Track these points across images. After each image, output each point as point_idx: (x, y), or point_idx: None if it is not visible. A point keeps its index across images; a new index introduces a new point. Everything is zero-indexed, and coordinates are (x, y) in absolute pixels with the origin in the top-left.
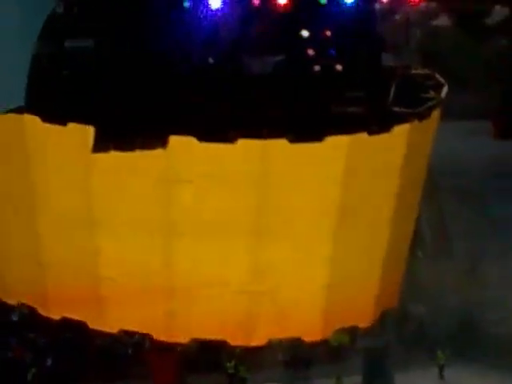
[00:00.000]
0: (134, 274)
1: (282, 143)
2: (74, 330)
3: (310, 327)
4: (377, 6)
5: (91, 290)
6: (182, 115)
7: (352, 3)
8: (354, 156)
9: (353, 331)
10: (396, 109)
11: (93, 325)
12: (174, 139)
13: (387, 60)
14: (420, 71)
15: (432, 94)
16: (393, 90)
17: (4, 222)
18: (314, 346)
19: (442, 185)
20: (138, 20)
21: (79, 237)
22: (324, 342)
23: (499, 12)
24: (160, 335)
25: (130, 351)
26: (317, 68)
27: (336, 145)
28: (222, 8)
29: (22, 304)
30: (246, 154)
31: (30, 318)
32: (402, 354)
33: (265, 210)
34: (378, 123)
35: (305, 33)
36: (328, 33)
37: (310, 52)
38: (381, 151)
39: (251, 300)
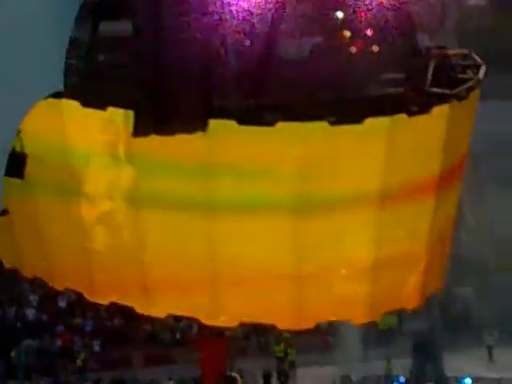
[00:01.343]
0: (177, 258)
1: (322, 125)
2: (121, 316)
3: (357, 310)
4: None
5: (137, 275)
6: (220, 98)
7: None
8: (394, 137)
9: (400, 314)
10: (435, 90)
11: (140, 310)
12: (213, 123)
13: (423, 41)
14: (457, 52)
15: (470, 74)
16: (430, 70)
17: (48, 207)
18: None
19: (483, 167)
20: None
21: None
22: (372, 325)
23: None
24: (207, 320)
25: (177, 336)
26: (353, 50)
27: (376, 126)
28: None
29: (69, 290)
30: (285, 136)
31: (77, 303)
32: (450, 336)
33: (306, 192)
34: (417, 104)
35: (340, 14)
36: (363, 14)
37: (346, 34)
38: (421, 132)
39: (297, 283)
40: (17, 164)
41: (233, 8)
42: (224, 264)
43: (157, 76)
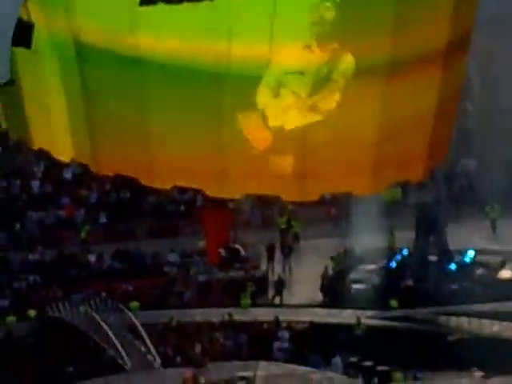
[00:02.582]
0: (183, 127)
1: None
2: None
3: (361, 183)
4: None
5: (142, 147)
6: None
7: None
8: (404, 6)
9: (404, 187)
10: None
11: (145, 182)
12: None
13: None
14: None
15: None
16: None
17: (55, 77)
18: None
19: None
20: None
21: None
22: (377, 197)
23: None
24: (212, 191)
25: (181, 208)
26: None
27: None
28: None
29: (75, 161)
30: None
31: (82, 175)
32: (454, 208)
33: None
34: None
35: None
36: None
37: None
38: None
39: (302, 155)
40: (24, 33)
41: None
42: (228, 135)
43: None
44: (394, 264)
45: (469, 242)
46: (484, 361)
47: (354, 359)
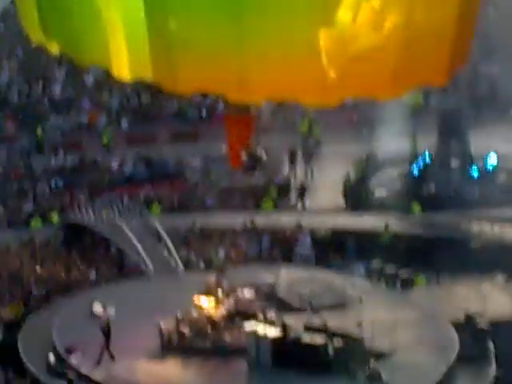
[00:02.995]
0: (204, 29)
1: None
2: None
3: (383, 86)
4: None
5: (163, 50)
6: None
7: None
8: None
9: (427, 91)
10: None
11: (167, 87)
12: None
13: None
14: None
15: None
16: None
17: None
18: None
19: None
20: None
21: None
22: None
23: None
24: (234, 96)
25: (203, 113)
26: None
27: None
28: None
29: (96, 66)
30: None
31: (104, 80)
32: (476, 113)
33: None
34: None
35: None
36: None
37: None
38: None
39: (324, 58)
40: None
41: None
42: (249, 38)
43: None
44: (416, 169)
45: (491, 148)
46: (506, 265)
47: (376, 264)
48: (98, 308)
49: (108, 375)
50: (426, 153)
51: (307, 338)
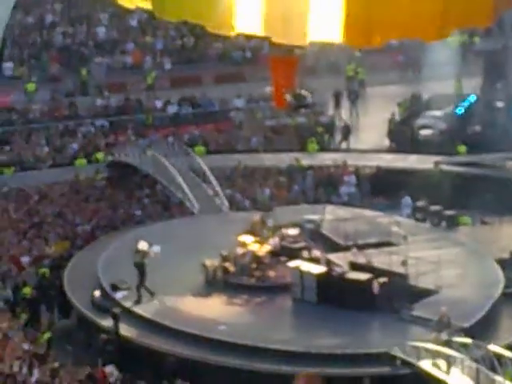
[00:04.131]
0: None
1: None
2: (192, 34)
3: (427, 27)
4: None
5: None
6: None
7: None
8: None
9: (472, 32)
10: None
11: (211, 29)
12: None
13: None
14: None
15: None
16: None
17: None
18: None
19: None
20: None
21: None
22: (444, 44)
23: None
24: (278, 38)
25: (247, 55)
26: None
27: None
28: None
29: (140, 8)
30: None
31: (148, 22)
32: None
33: None
34: None
35: None
36: None
37: None
38: None
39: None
40: None
41: None
42: None
43: None
44: (461, 110)
45: None
46: None
47: (421, 203)
48: (143, 245)
49: (153, 310)
50: (472, 94)
51: (352, 275)
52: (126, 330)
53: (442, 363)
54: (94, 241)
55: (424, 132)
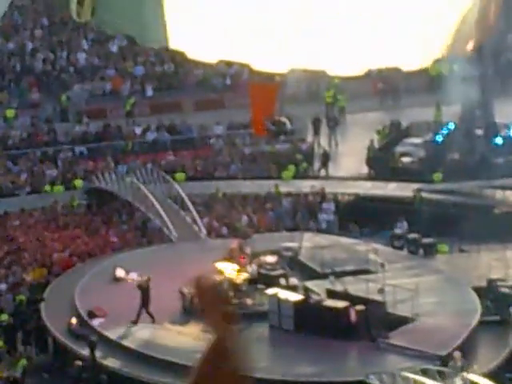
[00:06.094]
0: None
1: None
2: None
3: (407, 56)
4: None
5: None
6: None
7: None
8: None
9: (452, 59)
10: None
11: (191, 55)
12: None
13: None
14: None
15: None
16: None
17: None
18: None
19: None
20: None
21: None
22: (423, 72)
23: None
24: (258, 65)
25: (228, 81)
26: None
27: None
28: None
29: (121, 35)
30: None
31: (127, 48)
32: (500, 83)
33: None
34: None
35: None
36: None
37: None
38: None
39: (349, 26)
40: None
41: None
42: None
43: None
44: (440, 137)
45: None
46: None
47: (399, 231)
48: (120, 273)
49: (131, 337)
50: (451, 121)
51: (329, 303)
52: (102, 357)
53: None
54: (71, 268)
55: (402, 159)
